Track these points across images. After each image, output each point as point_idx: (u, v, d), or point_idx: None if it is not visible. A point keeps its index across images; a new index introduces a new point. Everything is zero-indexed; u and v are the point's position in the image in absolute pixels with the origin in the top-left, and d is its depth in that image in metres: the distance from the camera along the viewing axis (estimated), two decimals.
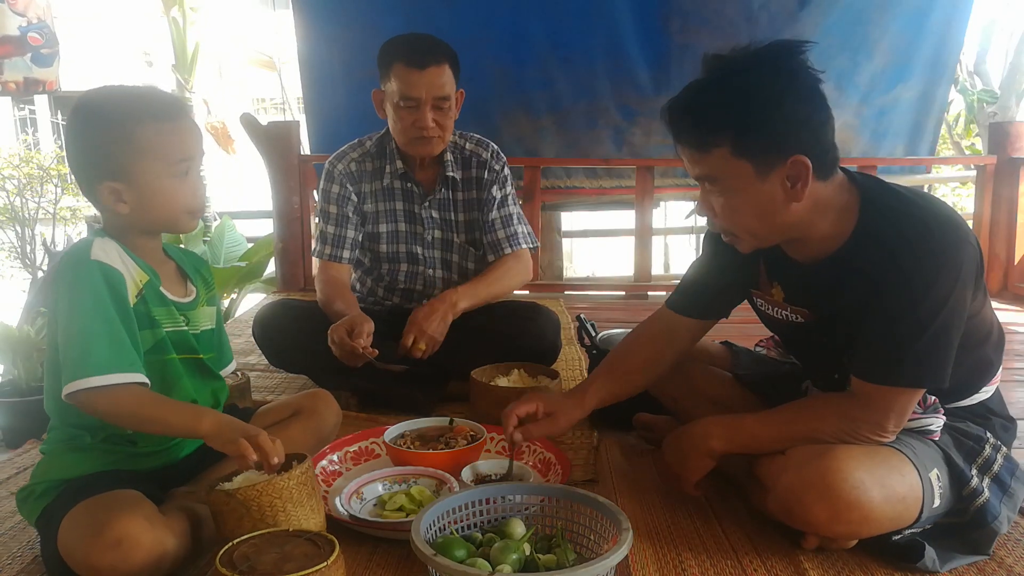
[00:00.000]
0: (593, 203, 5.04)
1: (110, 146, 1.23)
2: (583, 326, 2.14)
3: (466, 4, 4.25)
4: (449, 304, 2.08)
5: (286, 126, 4.30)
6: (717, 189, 1.29)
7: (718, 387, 1.69)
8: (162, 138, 1.25)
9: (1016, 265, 4.22)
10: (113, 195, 1.25)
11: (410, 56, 2.02)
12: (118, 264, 1.25)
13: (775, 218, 1.28)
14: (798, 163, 1.21)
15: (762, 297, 1.51)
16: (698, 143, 1.26)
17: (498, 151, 2.32)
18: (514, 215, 2.30)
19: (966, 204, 7.69)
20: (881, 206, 1.27)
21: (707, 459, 1.42)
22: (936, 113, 4.73)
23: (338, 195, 2.24)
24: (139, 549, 1.12)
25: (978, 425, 1.39)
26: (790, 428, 1.36)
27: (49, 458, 1.32)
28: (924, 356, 1.22)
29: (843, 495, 1.23)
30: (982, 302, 1.33)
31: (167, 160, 1.26)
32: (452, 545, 1.14)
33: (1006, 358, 1.46)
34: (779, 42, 1.23)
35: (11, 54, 4.17)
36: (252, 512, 1.14)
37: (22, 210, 4.00)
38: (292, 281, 4.20)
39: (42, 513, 1.25)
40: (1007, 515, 1.33)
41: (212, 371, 1.43)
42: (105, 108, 1.26)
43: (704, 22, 4.34)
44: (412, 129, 2.08)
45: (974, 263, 1.23)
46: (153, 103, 1.26)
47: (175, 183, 1.27)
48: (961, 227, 1.24)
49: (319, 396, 1.64)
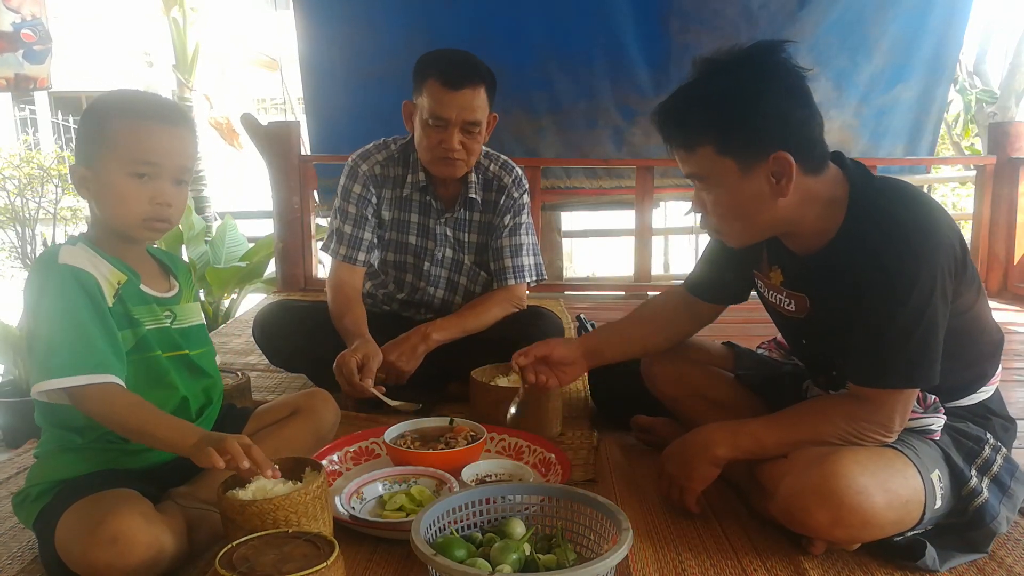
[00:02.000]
0: (593, 203, 5.04)
1: (86, 132, 1.26)
2: (583, 326, 2.14)
3: (466, 4, 4.26)
4: (421, 336, 2.06)
5: (286, 126, 4.30)
6: (705, 186, 1.33)
7: (719, 388, 1.69)
8: (129, 134, 1.24)
9: (1016, 265, 4.22)
10: (80, 180, 1.27)
11: (446, 75, 1.96)
12: (88, 267, 1.24)
13: (762, 213, 1.30)
14: (781, 159, 1.24)
15: (762, 279, 1.52)
16: (684, 142, 1.30)
17: (521, 177, 2.26)
18: (524, 245, 2.24)
19: (966, 204, 7.69)
20: (867, 204, 1.28)
21: (712, 467, 1.42)
22: (936, 113, 4.74)
23: (359, 196, 2.18)
24: (135, 546, 1.12)
25: (978, 426, 1.40)
26: (795, 432, 1.35)
27: (43, 460, 1.31)
28: (914, 357, 1.24)
29: (846, 500, 1.23)
30: (973, 299, 1.34)
31: (127, 157, 1.24)
32: (452, 545, 1.14)
33: (1005, 358, 1.46)
34: (760, 42, 1.26)
35: (3, 50, 4.17)
36: (266, 524, 1.14)
37: (22, 210, 4.00)
38: (292, 281, 4.20)
39: (39, 515, 1.25)
40: (1006, 515, 1.33)
41: (203, 368, 1.42)
42: (101, 101, 1.29)
43: (704, 22, 4.35)
44: (438, 149, 2.03)
45: (952, 263, 1.25)
46: (142, 103, 1.27)
47: (130, 184, 1.25)
48: (940, 228, 1.25)
49: (318, 395, 1.63)
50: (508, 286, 2.22)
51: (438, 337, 2.08)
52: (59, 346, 1.18)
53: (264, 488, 1.21)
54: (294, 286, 4.20)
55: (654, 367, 1.75)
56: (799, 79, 1.25)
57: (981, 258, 4.31)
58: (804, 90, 1.26)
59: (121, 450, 1.31)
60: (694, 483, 1.44)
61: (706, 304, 1.65)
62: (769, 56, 1.25)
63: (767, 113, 1.23)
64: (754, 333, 1.76)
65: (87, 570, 1.14)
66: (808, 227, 1.33)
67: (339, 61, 4.36)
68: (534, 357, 1.67)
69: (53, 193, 4.12)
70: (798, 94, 1.25)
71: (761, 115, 1.23)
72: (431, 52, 2.06)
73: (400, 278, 2.28)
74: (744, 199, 1.29)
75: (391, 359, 2.00)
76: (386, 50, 4.25)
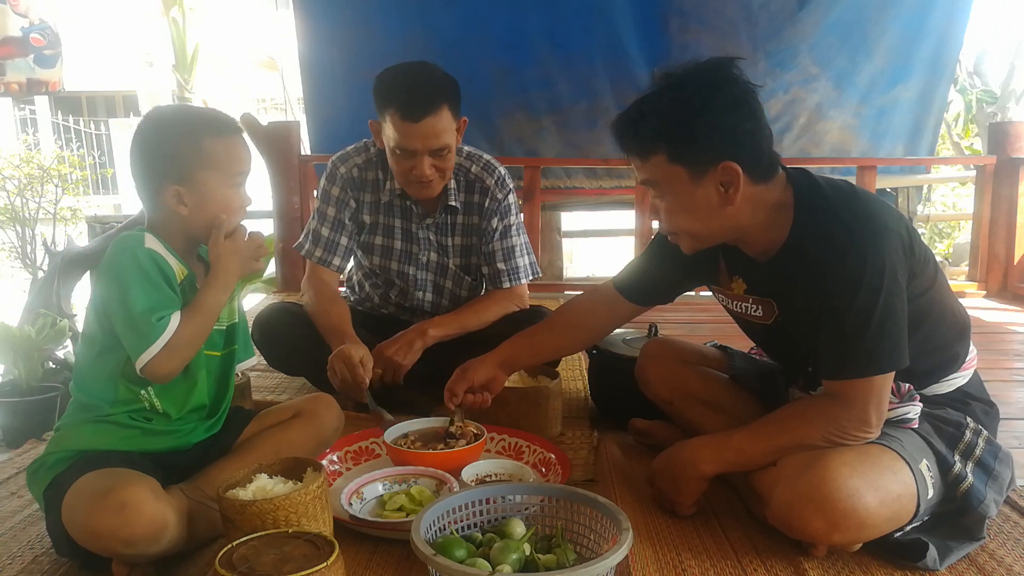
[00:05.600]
0: (593, 203, 5.04)
1: (180, 154, 1.35)
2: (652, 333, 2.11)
3: (466, 4, 4.26)
4: (418, 332, 2.06)
5: (286, 126, 4.30)
6: (659, 193, 1.38)
7: (712, 389, 1.69)
8: (224, 152, 1.38)
9: (1016, 265, 4.22)
10: (176, 197, 1.36)
11: (405, 108, 1.88)
12: (167, 255, 1.35)
13: (712, 220, 1.35)
14: (728, 169, 1.29)
15: (723, 292, 1.55)
16: (639, 151, 1.36)
17: (504, 178, 2.19)
18: (517, 247, 2.22)
19: (966, 204, 7.70)
20: (810, 208, 1.33)
21: (700, 482, 1.44)
22: (936, 113, 4.74)
23: (338, 199, 2.17)
24: (141, 516, 1.16)
25: (957, 411, 1.41)
26: (778, 439, 1.37)
27: (65, 430, 1.36)
28: (876, 343, 1.27)
29: (839, 505, 1.24)
30: (930, 281, 1.36)
31: (227, 171, 1.39)
32: (452, 545, 1.14)
33: (1006, 358, 1.47)
34: (712, 58, 1.32)
35: (13, 55, 4.18)
36: (267, 524, 1.14)
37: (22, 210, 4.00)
38: (292, 281, 4.20)
39: (51, 483, 1.28)
40: (993, 498, 1.35)
41: (230, 364, 1.50)
42: (177, 120, 1.41)
43: (704, 22, 4.35)
44: (410, 175, 2.00)
45: (898, 246, 1.28)
46: (217, 121, 1.41)
47: (231, 192, 1.40)
48: (880, 216, 1.29)
49: (321, 400, 1.64)
50: (506, 289, 2.22)
51: (435, 333, 2.08)
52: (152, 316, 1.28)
53: (264, 488, 1.22)
54: (294, 286, 4.19)
55: (647, 370, 1.76)
56: (747, 94, 1.30)
57: (981, 258, 4.31)
58: (752, 104, 1.31)
59: (142, 428, 1.36)
60: (683, 497, 1.47)
61: (628, 304, 1.67)
62: (718, 71, 1.30)
63: (713, 125, 1.28)
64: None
65: (89, 536, 1.18)
66: (759, 233, 1.38)
67: (339, 61, 4.36)
68: (461, 394, 1.70)
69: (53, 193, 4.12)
70: (744, 108, 1.30)
71: (707, 126, 1.28)
72: (387, 73, 1.97)
73: (390, 282, 2.27)
74: (695, 205, 1.34)
75: (388, 353, 2.00)
76: (386, 50, 4.24)
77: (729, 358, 1.78)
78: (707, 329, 3.42)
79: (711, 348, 1.85)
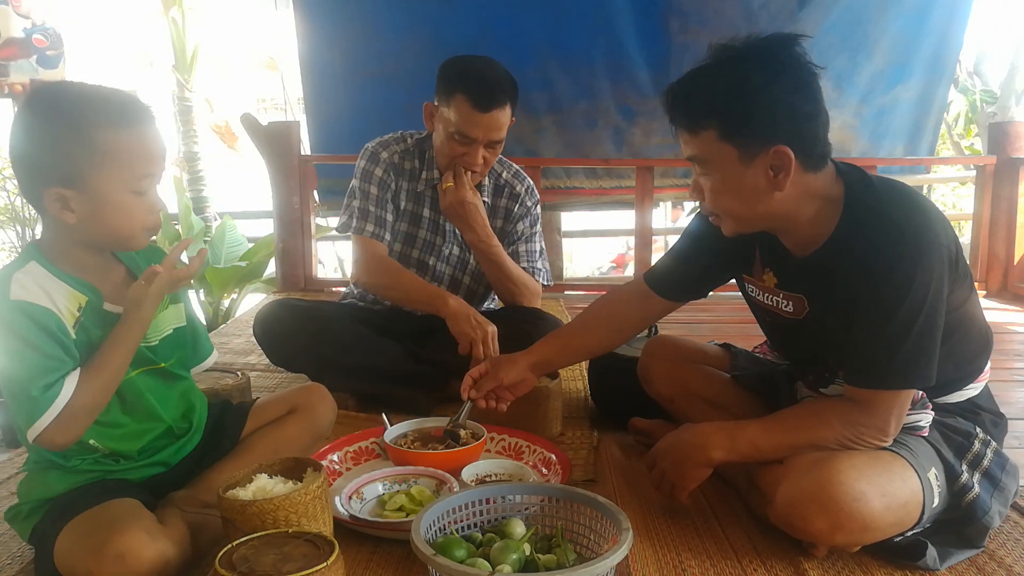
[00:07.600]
0: (593, 203, 5.04)
1: (66, 149, 1.10)
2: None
3: (466, 4, 4.26)
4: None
5: (286, 126, 4.30)
6: (704, 171, 1.32)
7: (715, 388, 1.69)
8: (127, 147, 1.13)
9: (1016, 265, 4.22)
10: (59, 202, 1.12)
11: (477, 96, 1.94)
12: (43, 300, 1.13)
13: (758, 205, 1.30)
14: (781, 153, 1.23)
15: (753, 283, 1.51)
16: (688, 124, 1.30)
17: (533, 187, 2.29)
18: (538, 251, 2.28)
19: (966, 204, 7.69)
20: (861, 206, 1.28)
21: (705, 468, 1.40)
22: (936, 113, 4.74)
23: (381, 179, 2.17)
24: (142, 562, 1.10)
25: (967, 420, 1.40)
26: (792, 437, 1.34)
27: (30, 476, 1.28)
28: (911, 358, 1.23)
29: (844, 507, 1.22)
30: (966, 296, 1.34)
31: (130, 173, 1.14)
32: (452, 545, 1.14)
33: (1005, 358, 1.46)
34: (776, 34, 1.25)
35: (16, 56, 4.18)
36: (267, 524, 1.14)
37: (22, 210, 4.00)
38: (292, 281, 4.20)
39: (33, 532, 1.23)
40: (998, 509, 1.34)
41: (177, 374, 1.37)
42: (64, 106, 1.12)
43: (704, 22, 4.35)
44: (460, 160, 2.04)
45: (946, 263, 1.25)
46: (118, 106, 1.14)
47: (133, 199, 1.16)
48: (934, 228, 1.25)
49: (314, 391, 1.61)
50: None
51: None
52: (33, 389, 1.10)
53: (264, 488, 1.22)
54: (294, 286, 4.20)
55: (650, 367, 1.75)
56: (810, 75, 1.24)
57: (981, 258, 4.31)
58: (814, 86, 1.25)
59: (111, 470, 1.28)
60: (686, 482, 1.42)
61: (660, 300, 1.62)
62: (783, 48, 1.24)
63: (773, 105, 1.22)
64: (752, 333, 1.75)
65: None
66: (804, 225, 1.33)
67: (339, 61, 4.36)
68: (484, 392, 1.65)
69: None
70: (806, 90, 1.24)
71: (767, 106, 1.22)
72: (460, 60, 2.03)
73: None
74: (741, 188, 1.28)
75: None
76: (386, 50, 4.26)
77: (733, 356, 1.78)
78: (707, 329, 3.42)
79: (714, 347, 1.84)
